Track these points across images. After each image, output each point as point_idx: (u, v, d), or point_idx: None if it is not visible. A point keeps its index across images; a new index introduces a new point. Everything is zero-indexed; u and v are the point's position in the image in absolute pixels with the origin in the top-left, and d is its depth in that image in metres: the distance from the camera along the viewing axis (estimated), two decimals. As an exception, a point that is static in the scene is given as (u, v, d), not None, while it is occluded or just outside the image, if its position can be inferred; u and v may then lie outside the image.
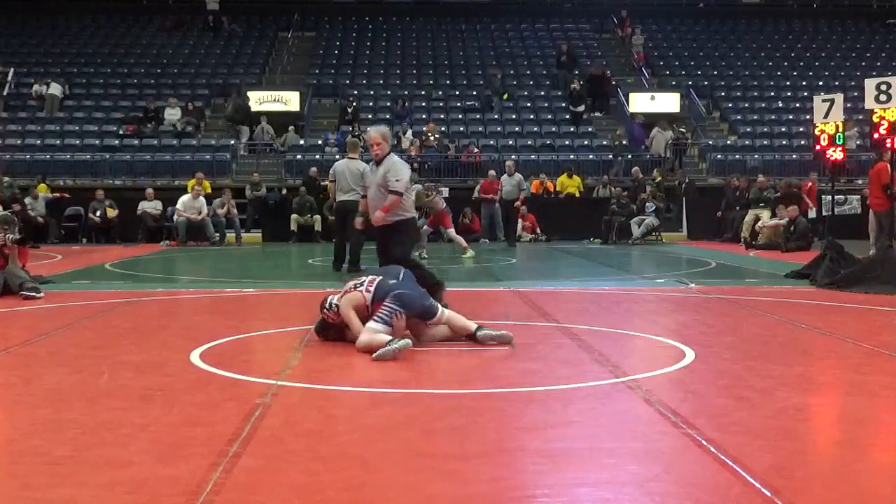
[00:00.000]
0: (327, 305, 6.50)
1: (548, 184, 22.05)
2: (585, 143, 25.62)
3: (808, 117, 20.87)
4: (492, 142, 25.44)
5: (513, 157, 23.69)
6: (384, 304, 6.25)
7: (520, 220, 20.28)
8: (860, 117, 21.96)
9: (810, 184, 20.52)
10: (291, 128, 25.47)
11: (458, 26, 33.08)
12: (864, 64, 29.81)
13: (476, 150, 23.91)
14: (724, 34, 33.18)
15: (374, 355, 5.84)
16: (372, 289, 6.41)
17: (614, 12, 32.77)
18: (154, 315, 8.45)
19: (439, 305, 6.65)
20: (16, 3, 31.75)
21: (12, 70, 27.42)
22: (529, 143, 25.60)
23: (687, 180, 22.48)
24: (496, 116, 26.98)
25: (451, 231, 16.54)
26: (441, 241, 20.56)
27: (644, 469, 3.63)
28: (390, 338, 5.97)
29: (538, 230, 20.92)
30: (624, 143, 25.20)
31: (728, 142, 26.36)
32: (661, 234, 20.56)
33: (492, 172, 21.01)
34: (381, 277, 6.56)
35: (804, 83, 29.12)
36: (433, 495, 3.32)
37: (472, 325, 6.53)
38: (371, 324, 6.18)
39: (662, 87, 28.51)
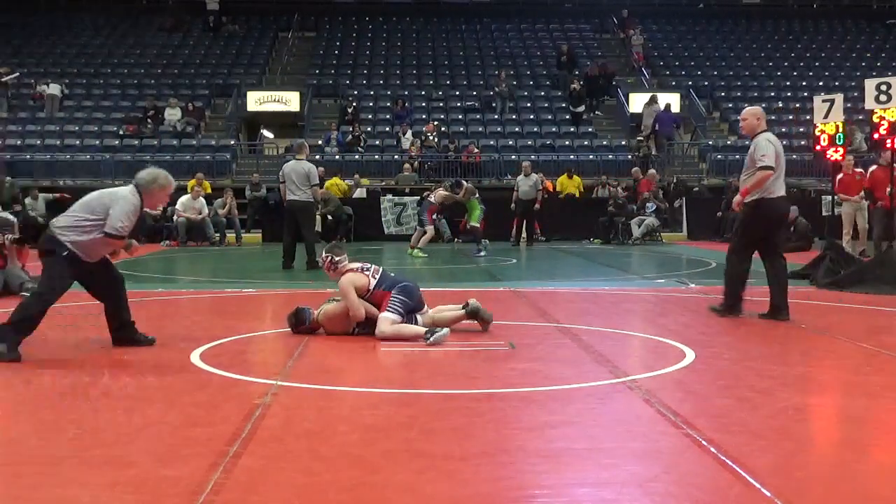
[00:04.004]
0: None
1: (547, 184, 22.03)
2: (585, 143, 25.60)
3: (808, 117, 20.84)
4: (492, 142, 25.43)
5: (512, 157, 23.71)
6: (393, 296, 6.65)
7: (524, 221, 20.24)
8: (860, 117, 21.93)
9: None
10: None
11: (458, 26, 33.08)
12: (864, 64, 29.81)
13: (476, 150, 23.91)
14: (724, 34, 33.18)
15: (432, 339, 6.26)
16: (377, 277, 6.80)
17: (614, 12, 32.76)
18: (154, 315, 8.43)
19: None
20: (16, 3, 31.73)
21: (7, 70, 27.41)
22: (529, 143, 25.58)
23: (676, 180, 22.52)
24: (496, 116, 26.97)
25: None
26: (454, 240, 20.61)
27: (644, 469, 3.63)
28: (425, 329, 6.43)
29: (538, 230, 20.89)
30: (647, 134, 25.06)
31: (728, 142, 26.33)
32: (661, 234, 20.55)
33: (651, 171, 21.37)
34: (383, 268, 6.96)
35: (804, 83, 29.10)
36: (433, 495, 3.32)
37: (458, 308, 6.98)
38: (389, 315, 6.58)
39: (662, 87, 28.47)
